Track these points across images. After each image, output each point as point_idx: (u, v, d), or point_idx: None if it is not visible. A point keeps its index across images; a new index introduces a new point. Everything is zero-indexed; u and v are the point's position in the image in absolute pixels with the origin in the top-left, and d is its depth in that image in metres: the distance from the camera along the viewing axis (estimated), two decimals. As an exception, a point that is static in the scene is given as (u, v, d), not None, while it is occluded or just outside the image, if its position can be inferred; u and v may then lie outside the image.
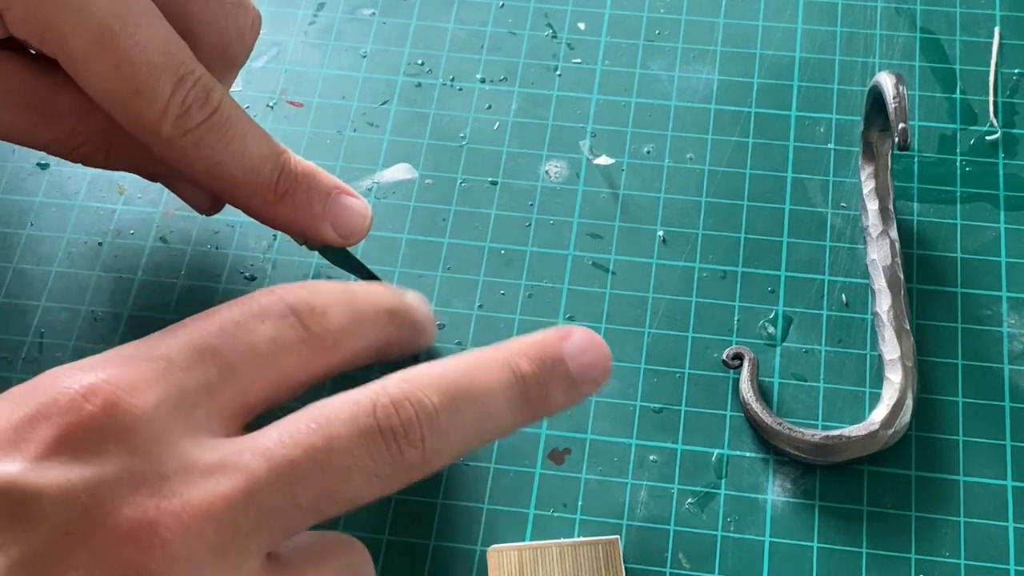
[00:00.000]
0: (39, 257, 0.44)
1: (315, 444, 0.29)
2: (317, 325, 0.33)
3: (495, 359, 0.33)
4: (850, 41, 0.48)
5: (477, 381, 0.32)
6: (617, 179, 0.46)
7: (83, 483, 0.28)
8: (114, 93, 0.35)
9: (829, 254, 0.44)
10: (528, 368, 0.33)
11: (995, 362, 0.41)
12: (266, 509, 0.29)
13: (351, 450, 0.30)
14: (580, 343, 0.34)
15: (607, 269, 0.43)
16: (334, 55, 0.49)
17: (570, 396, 0.34)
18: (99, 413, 0.28)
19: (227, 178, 0.37)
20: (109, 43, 0.34)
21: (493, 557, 0.37)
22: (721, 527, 0.38)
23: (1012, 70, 0.48)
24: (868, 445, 0.39)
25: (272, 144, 0.38)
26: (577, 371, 0.34)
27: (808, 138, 0.46)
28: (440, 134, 0.47)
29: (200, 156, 0.37)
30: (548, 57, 0.49)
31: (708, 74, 0.48)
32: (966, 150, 0.46)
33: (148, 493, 0.28)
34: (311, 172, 0.39)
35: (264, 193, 0.38)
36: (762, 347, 0.42)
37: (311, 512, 0.30)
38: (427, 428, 0.31)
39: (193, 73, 0.36)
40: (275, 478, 0.29)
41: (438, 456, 0.31)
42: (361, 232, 0.40)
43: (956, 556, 0.38)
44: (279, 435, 0.30)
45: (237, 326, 0.32)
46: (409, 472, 0.31)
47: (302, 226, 0.39)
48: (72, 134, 0.39)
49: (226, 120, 0.37)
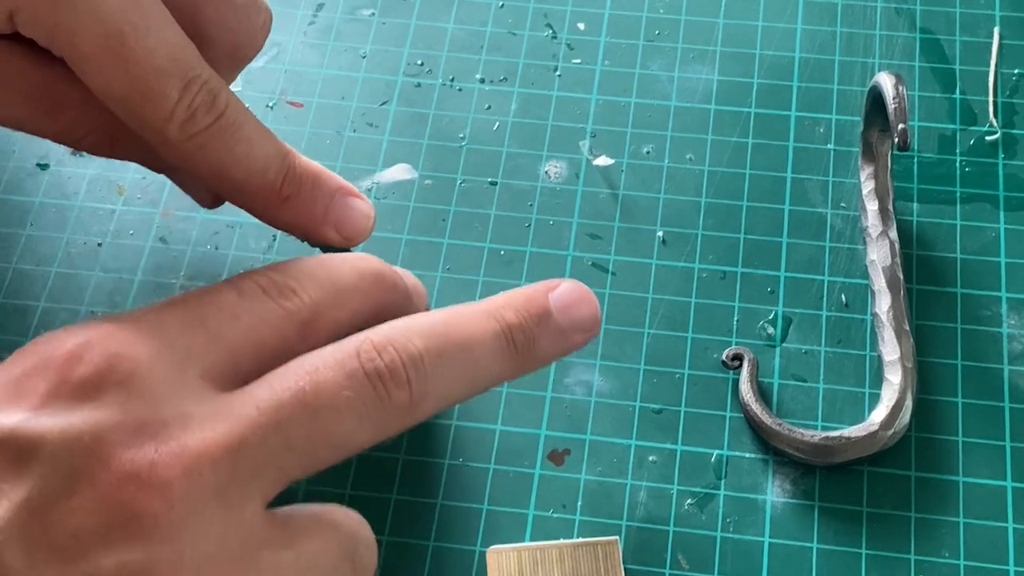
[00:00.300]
0: (39, 257, 0.44)
1: (303, 388, 0.30)
2: (288, 301, 0.33)
3: (480, 309, 0.34)
4: (850, 41, 0.48)
5: (462, 328, 0.33)
6: (617, 179, 0.46)
7: (84, 426, 0.28)
8: (120, 95, 0.35)
9: (829, 255, 0.44)
10: (514, 318, 0.34)
11: (995, 363, 0.41)
12: (260, 452, 0.29)
13: (338, 391, 0.30)
14: (566, 293, 0.35)
15: (607, 270, 0.43)
16: (334, 55, 0.49)
17: (560, 345, 0.35)
18: (98, 360, 0.29)
19: (232, 180, 0.38)
20: (118, 47, 0.34)
21: (492, 558, 0.37)
22: (720, 528, 0.38)
23: (1012, 70, 0.48)
24: (868, 446, 0.39)
25: (278, 146, 0.38)
26: (565, 321, 0.35)
27: (808, 138, 0.46)
28: (440, 134, 0.47)
29: (205, 158, 0.37)
30: (548, 57, 0.49)
31: (708, 74, 0.48)
32: (966, 150, 0.46)
33: (148, 436, 0.28)
34: (316, 174, 0.39)
35: (268, 196, 0.38)
36: (762, 348, 0.42)
37: (305, 456, 0.30)
38: (412, 370, 0.31)
39: (200, 76, 0.36)
40: (266, 422, 0.29)
41: (426, 399, 0.32)
42: (364, 233, 0.40)
43: (956, 557, 0.38)
44: (268, 384, 0.30)
45: (217, 300, 0.33)
46: (400, 414, 0.31)
47: (305, 228, 0.39)
48: (77, 125, 0.39)
49: (232, 123, 0.37)
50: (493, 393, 0.41)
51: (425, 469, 0.40)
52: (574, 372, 0.41)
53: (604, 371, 0.41)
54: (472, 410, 0.41)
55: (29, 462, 0.28)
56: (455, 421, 0.40)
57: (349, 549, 0.32)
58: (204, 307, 0.32)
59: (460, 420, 0.40)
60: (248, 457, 0.29)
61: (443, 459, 0.40)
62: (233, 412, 0.30)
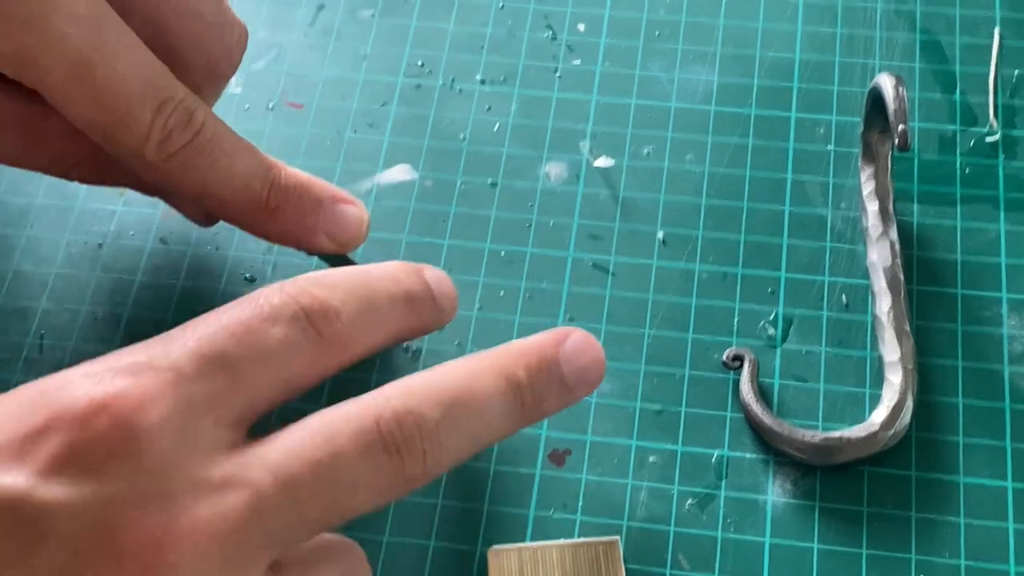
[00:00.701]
0: (39, 258, 0.44)
1: (321, 460, 0.30)
2: (330, 327, 0.32)
3: (493, 368, 0.33)
4: (850, 42, 0.48)
5: (476, 392, 0.33)
6: (617, 180, 0.46)
7: (92, 500, 0.27)
8: (94, 122, 0.35)
9: (829, 255, 0.44)
10: (525, 377, 0.34)
11: (995, 364, 0.41)
12: (272, 525, 0.29)
13: (355, 466, 0.30)
14: (575, 347, 0.35)
15: (607, 270, 0.44)
16: (334, 56, 0.49)
17: (564, 400, 0.35)
18: (107, 430, 0.28)
19: (216, 196, 0.37)
20: (87, 74, 0.34)
21: (493, 558, 0.37)
22: (721, 528, 0.38)
23: (1012, 71, 0.48)
24: (868, 446, 0.39)
25: (260, 159, 0.38)
26: (572, 375, 0.35)
27: (808, 139, 0.46)
28: (440, 135, 0.47)
29: (187, 177, 0.37)
30: (548, 58, 0.49)
31: (708, 75, 0.48)
32: (966, 151, 0.46)
33: (155, 511, 0.28)
34: (303, 184, 0.39)
35: (255, 209, 0.38)
36: (762, 348, 0.42)
37: (316, 524, 0.30)
38: (428, 442, 0.31)
39: (174, 97, 0.36)
40: (281, 494, 0.29)
41: (437, 467, 0.32)
42: (357, 239, 0.40)
43: (956, 557, 0.38)
44: (285, 449, 0.30)
45: (247, 330, 0.31)
46: (409, 483, 0.31)
47: (296, 238, 0.39)
48: (63, 157, 0.39)
49: (210, 139, 0.36)
50: (494, 394, 0.41)
51: (426, 469, 0.40)
52: (575, 373, 0.41)
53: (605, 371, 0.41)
54: (473, 411, 0.41)
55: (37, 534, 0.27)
56: (456, 422, 0.40)
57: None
58: (230, 342, 0.31)
59: (461, 421, 0.40)
60: (259, 530, 0.29)
61: (444, 459, 0.40)
62: (247, 480, 0.29)
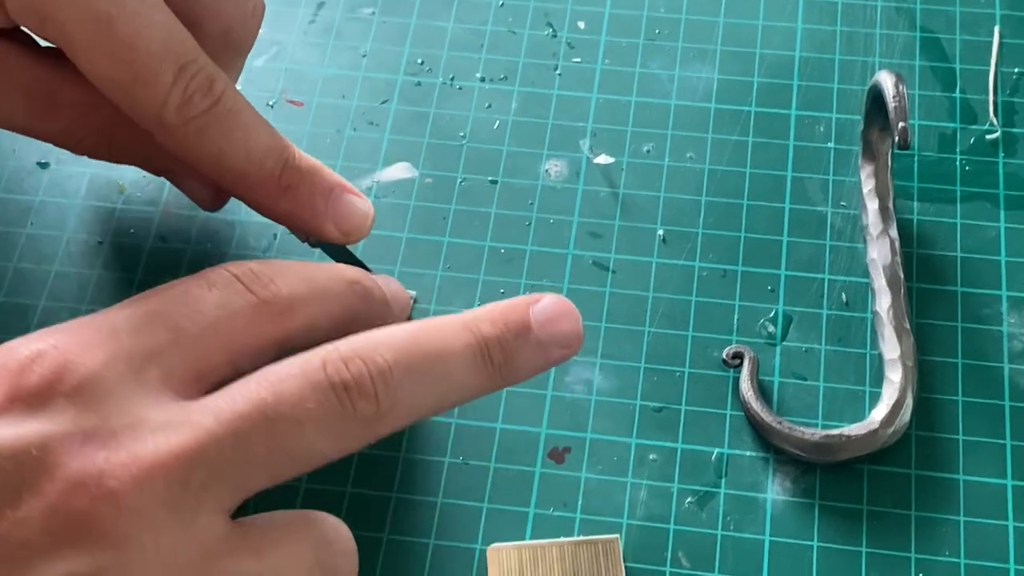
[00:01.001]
0: (39, 256, 0.44)
1: (264, 398, 0.30)
2: (264, 290, 0.33)
3: (455, 321, 0.33)
4: (850, 40, 0.48)
5: (434, 340, 0.32)
6: (617, 178, 0.46)
7: (32, 437, 0.28)
8: (116, 81, 0.35)
9: (829, 253, 0.44)
10: (490, 330, 0.33)
11: (995, 361, 0.41)
12: (217, 463, 0.29)
13: (300, 402, 0.30)
14: (547, 307, 0.34)
15: (607, 268, 0.44)
16: (334, 54, 0.49)
17: (539, 360, 0.34)
18: (48, 373, 0.29)
19: (230, 169, 0.37)
20: (108, 30, 0.34)
21: (493, 556, 0.37)
22: (721, 526, 0.38)
23: (1012, 69, 0.48)
24: (868, 444, 0.39)
25: (277, 138, 0.38)
26: (544, 334, 0.34)
27: (808, 137, 0.46)
28: (440, 133, 0.47)
29: (203, 146, 0.37)
30: (548, 56, 0.49)
31: (708, 73, 0.48)
32: (966, 149, 0.46)
33: (97, 446, 0.28)
34: (315, 168, 0.39)
35: (268, 186, 0.38)
36: (762, 346, 0.42)
37: (264, 466, 0.29)
38: (379, 383, 0.31)
39: (196, 62, 0.36)
40: (224, 432, 0.29)
41: (393, 411, 0.31)
42: (362, 231, 0.40)
43: (956, 555, 0.38)
44: (229, 395, 0.30)
45: (184, 294, 0.32)
46: (365, 427, 0.31)
47: (304, 221, 0.39)
48: (75, 127, 0.39)
49: (229, 110, 0.37)
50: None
51: (425, 467, 0.40)
52: (575, 370, 0.41)
53: (604, 369, 0.41)
54: (473, 408, 0.41)
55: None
56: (455, 419, 0.40)
57: (322, 557, 0.31)
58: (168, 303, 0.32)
59: (460, 418, 0.40)
60: (203, 468, 0.28)
61: (443, 457, 0.40)
62: (189, 421, 0.29)
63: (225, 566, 0.29)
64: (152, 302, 0.32)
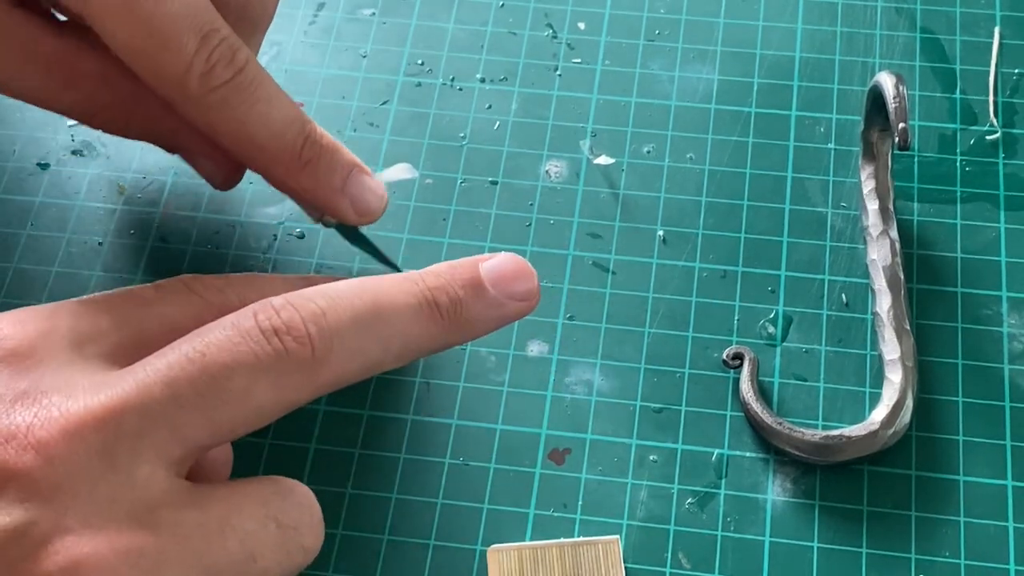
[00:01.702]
0: (39, 257, 0.44)
1: (194, 348, 0.30)
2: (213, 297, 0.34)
3: (400, 275, 0.33)
4: (850, 41, 0.48)
5: (372, 288, 0.32)
6: (617, 179, 0.46)
7: None
8: (138, 49, 0.35)
9: (829, 254, 0.44)
10: (435, 281, 0.33)
11: (995, 362, 0.41)
12: (149, 409, 0.29)
13: (230, 347, 0.30)
14: (499, 264, 0.34)
15: (607, 269, 0.44)
16: (334, 55, 0.49)
17: (494, 313, 0.34)
18: None
19: (251, 141, 0.37)
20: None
21: (493, 557, 0.37)
22: (721, 527, 0.38)
23: (1012, 70, 0.48)
24: (868, 445, 0.39)
25: (298, 112, 0.38)
26: (496, 287, 0.34)
27: (808, 138, 0.46)
28: (440, 134, 0.47)
29: (224, 117, 0.37)
30: (548, 57, 0.49)
31: (708, 74, 0.48)
32: (966, 150, 0.46)
33: (28, 404, 0.29)
34: (335, 146, 0.39)
35: (288, 159, 0.38)
36: (762, 347, 0.42)
37: (200, 412, 0.29)
38: (312, 325, 0.30)
39: (219, 32, 0.36)
40: (154, 380, 0.29)
41: (332, 356, 0.31)
42: (377, 213, 0.40)
43: (956, 556, 0.38)
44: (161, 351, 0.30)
45: (130, 294, 0.34)
46: (304, 372, 0.30)
47: (322, 198, 0.39)
48: (92, 99, 0.39)
49: (252, 81, 0.37)
50: (493, 392, 0.41)
51: (426, 468, 0.40)
52: (575, 371, 0.41)
53: (605, 370, 0.41)
54: (472, 409, 0.41)
55: None
56: (455, 420, 0.40)
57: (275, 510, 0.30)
58: (116, 296, 0.33)
59: (461, 419, 0.41)
60: (135, 415, 0.29)
61: (443, 458, 0.40)
62: (122, 378, 0.29)
63: (165, 515, 0.28)
64: (102, 295, 0.33)
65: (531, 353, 0.42)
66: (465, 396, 0.41)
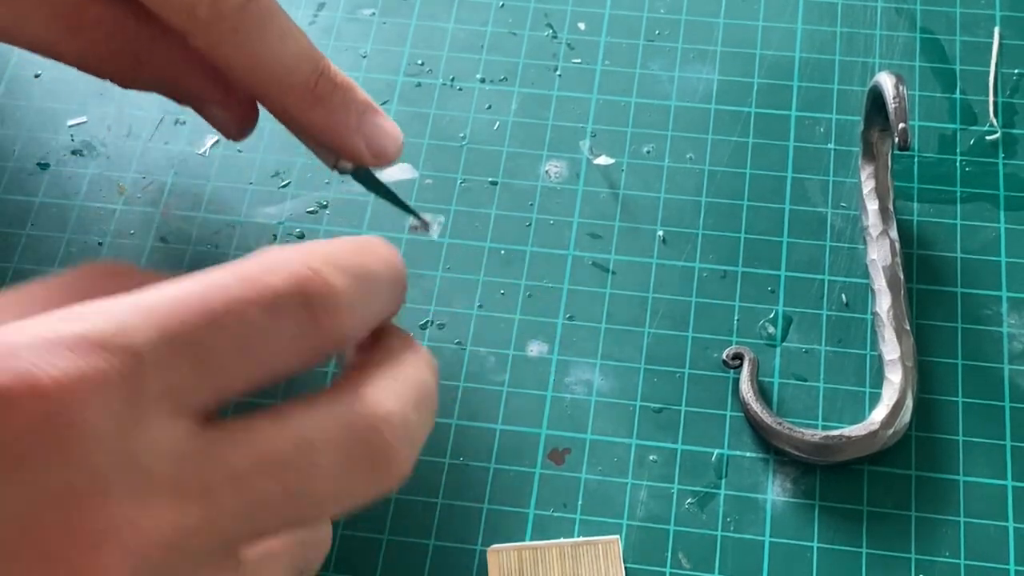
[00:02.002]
0: (39, 257, 0.44)
1: None
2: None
3: None
4: (850, 41, 0.48)
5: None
6: (617, 179, 0.46)
7: None
8: None
9: (829, 254, 0.44)
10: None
11: (995, 362, 0.41)
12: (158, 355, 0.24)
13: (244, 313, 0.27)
14: None
15: (607, 269, 0.44)
16: (334, 55, 0.49)
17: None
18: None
19: (264, 73, 0.37)
20: None
21: (493, 557, 0.37)
22: (721, 527, 0.38)
23: (1012, 70, 0.48)
24: (868, 445, 0.39)
25: (312, 47, 0.38)
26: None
27: (808, 138, 0.46)
28: (440, 134, 0.47)
29: (237, 48, 0.36)
30: (548, 57, 0.49)
31: (708, 74, 0.48)
32: (966, 150, 0.46)
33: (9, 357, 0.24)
34: (349, 84, 0.38)
35: (301, 94, 0.37)
36: (762, 347, 0.42)
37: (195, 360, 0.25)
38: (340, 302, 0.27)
39: None
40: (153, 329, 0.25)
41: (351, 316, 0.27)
42: (392, 154, 0.39)
43: (956, 556, 0.38)
44: None
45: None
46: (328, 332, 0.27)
47: (336, 136, 0.38)
48: (100, 46, 0.38)
49: (264, 11, 0.36)
50: (493, 392, 0.41)
51: (426, 468, 0.40)
52: (575, 371, 0.41)
53: (604, 370, 0.41)
54: (472, 409, 0.41)
55: None
56: (455, 420, 0.40)
57: None
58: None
59: (461, 419, 0.41)
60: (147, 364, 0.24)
61: (444, 458, 0.40)
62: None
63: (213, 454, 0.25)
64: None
65: (531, 353, 0.42)
66: (465, 396, 0.41)
